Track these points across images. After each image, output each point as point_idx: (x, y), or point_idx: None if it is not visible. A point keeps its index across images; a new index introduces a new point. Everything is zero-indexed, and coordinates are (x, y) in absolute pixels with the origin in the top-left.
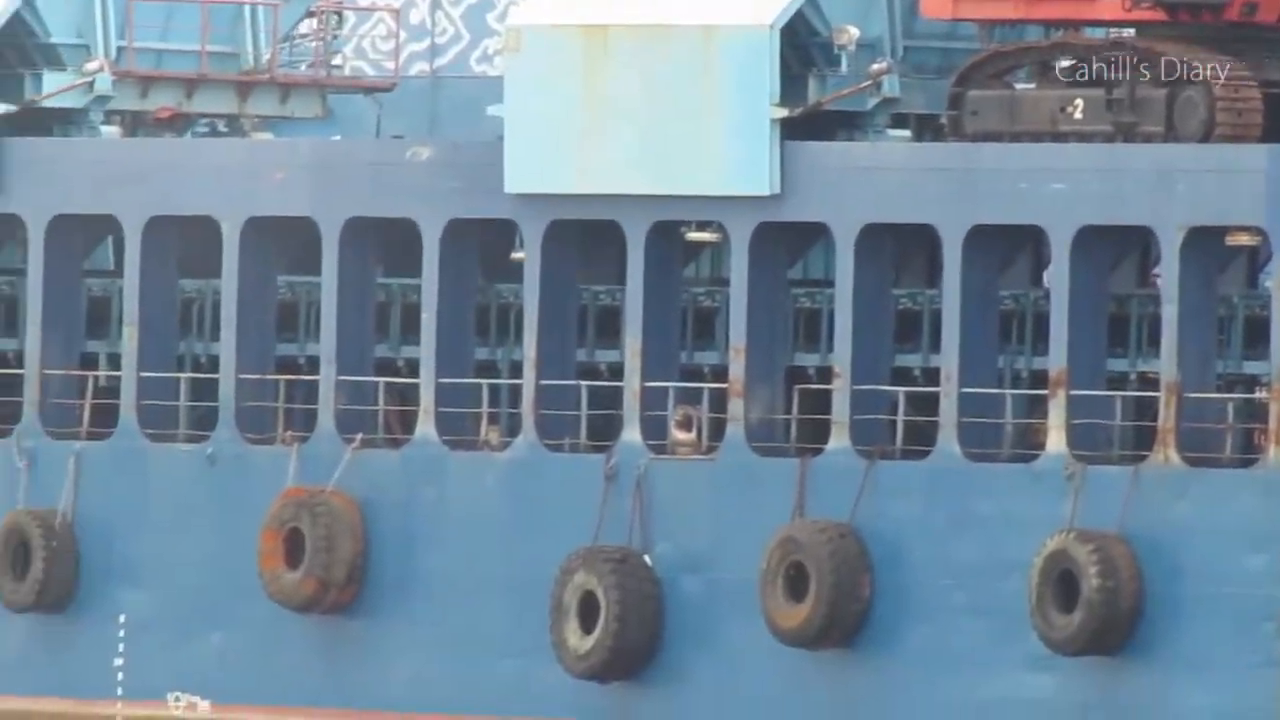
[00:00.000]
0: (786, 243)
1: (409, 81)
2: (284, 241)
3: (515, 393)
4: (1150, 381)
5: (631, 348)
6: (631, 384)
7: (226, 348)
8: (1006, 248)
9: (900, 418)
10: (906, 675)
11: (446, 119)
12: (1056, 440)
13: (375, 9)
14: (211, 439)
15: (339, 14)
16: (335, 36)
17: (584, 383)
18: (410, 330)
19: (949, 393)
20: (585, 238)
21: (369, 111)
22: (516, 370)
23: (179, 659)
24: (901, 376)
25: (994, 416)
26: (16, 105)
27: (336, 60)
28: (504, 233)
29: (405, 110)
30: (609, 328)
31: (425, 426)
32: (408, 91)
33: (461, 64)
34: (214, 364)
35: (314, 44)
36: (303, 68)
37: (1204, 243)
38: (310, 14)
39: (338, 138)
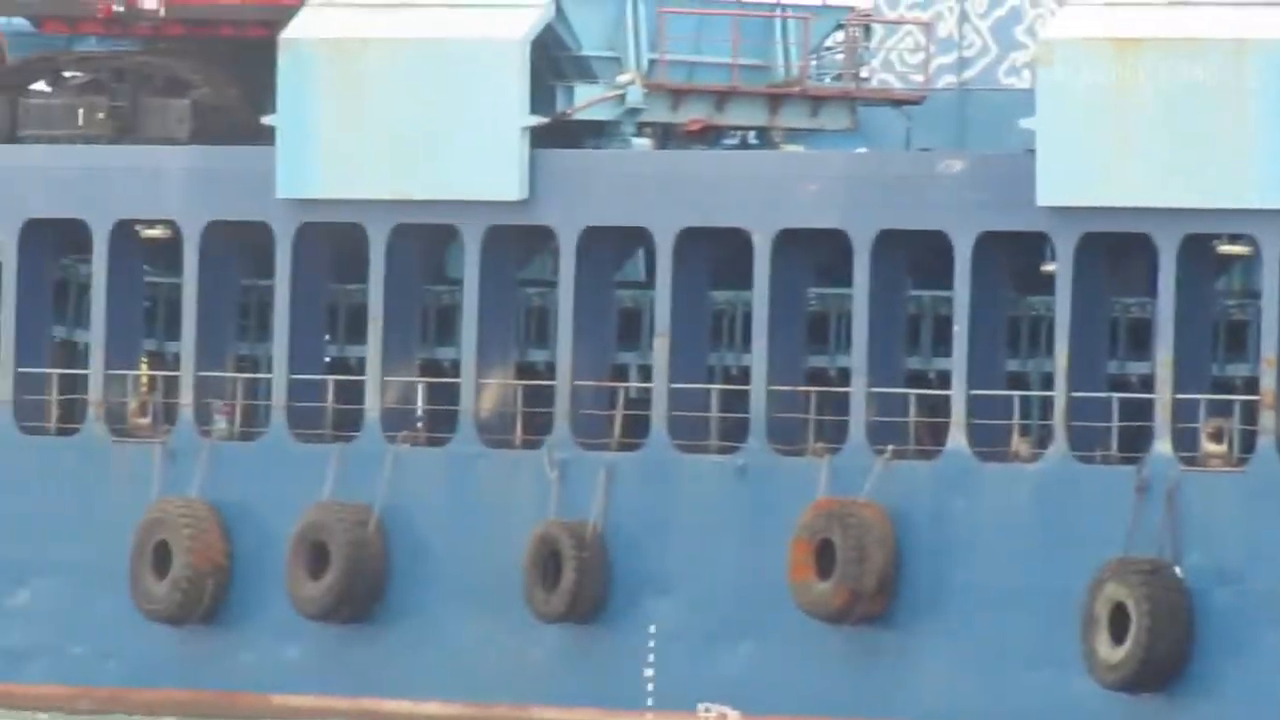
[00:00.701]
0: None
1: (937, 94)
2: (814, 253)
3: (1046, 405)
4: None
5: (1163, 360)
6: (1163, 396)
7: (758, 359)
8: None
9: None
10: None
11: (975, 132)
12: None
13: (904, 22)
14: (742, 450)
15: (868, 27)
16: (864, 49)
17: (1115, 395)
18: (941, 342)
19: None
20: (1115, 250)
21: (896, 124)
22: (1047, 382)
23: (709, 669)
24: None
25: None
26: (549, 117)
27: (864, 73)
28: (1033, 245)
29: (933, 123)
30: (1139, 339)
31: (957, 438)
32: (936, 104)
33: (989, 76)
34: (745, 375)
35: (843, 57)
36: (828, 80)
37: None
38: (839, 26)
39: (865, 150)
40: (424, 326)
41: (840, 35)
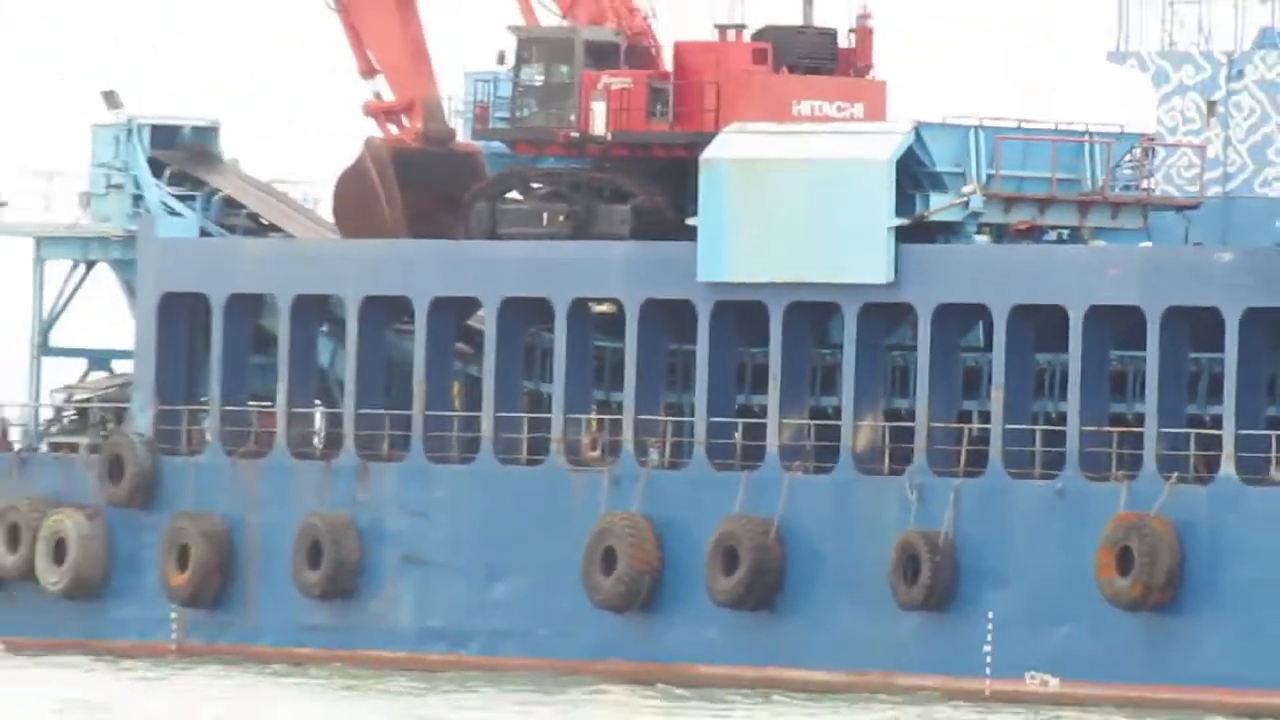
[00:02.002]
0: None
1: (1208, 201)
2: (1116, 324)
3: None
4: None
5: None
6: None
7: (1072, 406)
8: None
9: None
10: None
11: (1237, 230)
12: None
13: (1182, 145)
14: (1060, 476)
15: (1154, 149)
16: (1151, 166)
17: None
18: (1214, 393)
19: None
20: None
21: (1177, 224)
22: None
23: (1034, 645)
24: None
25: None
26: (909, 219)
27: (1152, 184)
28: None
29: (1205, 223)
30: None
31: (1227, 467)
32: (1207, 209)
33: (1248, 187)
34: (1061, 419)
35: (1136, 171)
36: (1125, 190)
37: None
38: (1133, 148)
39: (1154, 244)
40: (812, 380)
41: (1134, 155)
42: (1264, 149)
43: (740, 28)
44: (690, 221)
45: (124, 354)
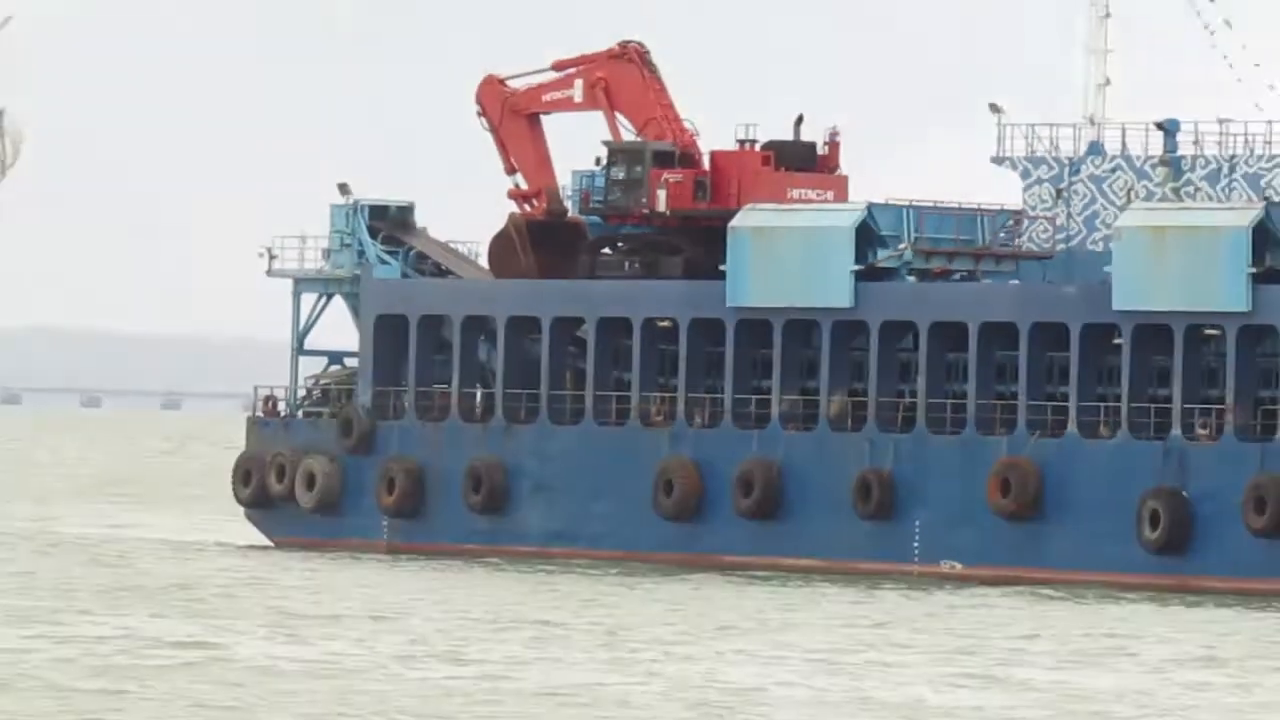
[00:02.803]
0: None
1: (1058, 254)
2: None
3: None
4: None
5: None
6: None
7: None
8: None
9: None
10: None
11: (1077, 273)
12: None
13: (1039, 217)
14: None
15: (1022, 220)
16: (1020, 231)
17: None
18: None
19: None
20: None
21: (1037, 270)
22: None
23: None
24: None
25: None
26: (864, 266)
27: (1020, 243)
28: None
29: (1056, 269)
30: None
31: None
32: (1057, 260)
33: (1082, 245)
34: None
35: (1010, 234)
36: (999, 246)
37: None
38: (1009, 220)
39: (1018, 282)
40: (801, 370)
41: (1009, 224)
42: (1093, 220)
43: (753, 142)
44: (721, 268)
45: (351, 354)
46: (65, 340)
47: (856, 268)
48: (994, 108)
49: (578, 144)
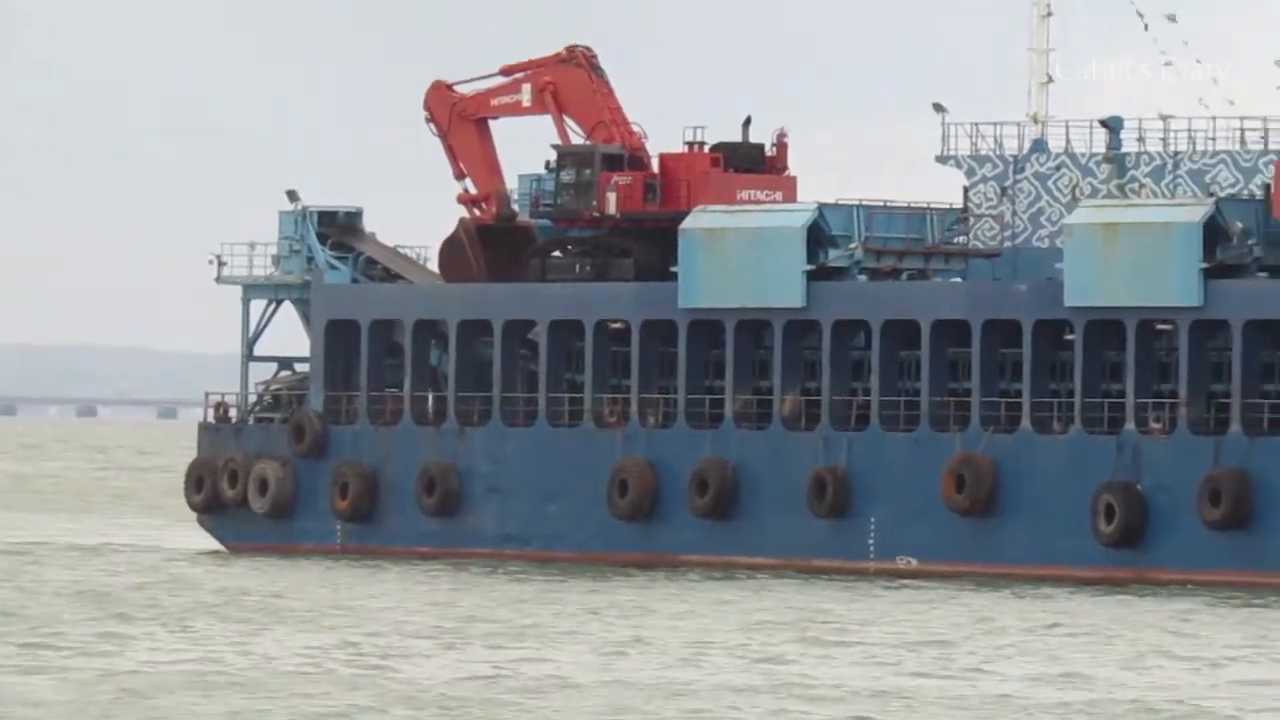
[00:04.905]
0: None
1: (1005, 252)
2: None
3: None
4: None
5: None
6: None
7: None
8: None
9: None
10: None
11: (1023, 271)
12: None
13: (986, 215)
14: None
15: (969, 218)
16: (967, 229)
17: None
18: None
19: None
20: None
21: (986, 267)
22: None
23: None
24: None
25: None
26: (815, 266)
27: (968, 241)
28: None
29: (1003, 267)
30: None
31: None
32: (1004, 257)
33: (1028, 242)
34: None
35: (958, 231)
36: (948, 244)
37: None
38: (957, 219)
39: (959, 280)
40: (753, 369)
41: (957, 223)
42: (1038, 217)
43: (701, 144)
44: (673, 269)
45: (301, 360)
46: None
47: (808, 267)
48: (938, 107)
49: (526, 148)
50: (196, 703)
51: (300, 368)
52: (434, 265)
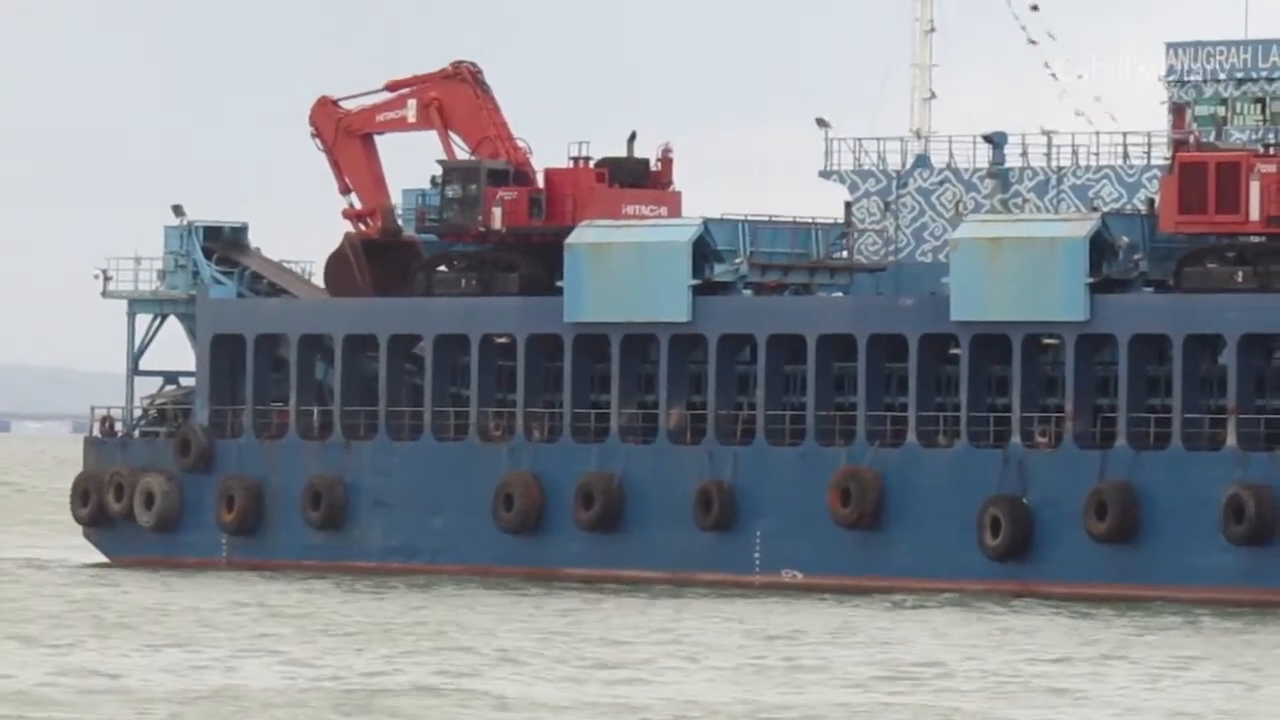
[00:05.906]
0: None
1: (889, 267)
2: None
3: None
4: None
5: None
6: None
7: None
8: None
9: None
10: None
11: (906, 285)
12: None
13: (869, 230)
14: None
15: (853, 232)
16: (852, 244)
17: None
18: None
19: None
20: None
21: (870, 282)
22: None
23: None
24: None
25: None
26: (701, 280)
27: (852, 255)
28: None
29: (887, 281)
30: None
31: None
32: (889, 272)
33: (911, 257)
34: None
35: (842, 246)
36: (832, 259)
37: None
38: (841, 234)
39: (841, 295)
40: (639, 383)
41: (841, 238)
42: (922, 232)
43: (587, 159)
44: (559, 284)
45: (188, 374)
46: None
47: (694, 282)
48: (821, 122)
49: (412, 164)
50: None
51: (186, 382)
52: (319, 280)
